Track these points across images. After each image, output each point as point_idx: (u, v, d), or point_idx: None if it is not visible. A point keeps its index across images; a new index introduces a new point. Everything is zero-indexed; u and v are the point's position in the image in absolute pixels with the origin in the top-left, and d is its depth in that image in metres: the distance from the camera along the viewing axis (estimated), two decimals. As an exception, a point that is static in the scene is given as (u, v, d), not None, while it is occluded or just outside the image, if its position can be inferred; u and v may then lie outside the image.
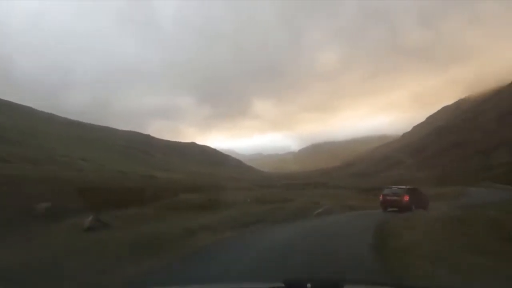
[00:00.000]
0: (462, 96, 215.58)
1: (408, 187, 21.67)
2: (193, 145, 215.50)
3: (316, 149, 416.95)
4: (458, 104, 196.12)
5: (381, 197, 20.85)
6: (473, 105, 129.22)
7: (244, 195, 25.10)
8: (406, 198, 19.72)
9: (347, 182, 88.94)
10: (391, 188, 21.29)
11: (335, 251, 8.45)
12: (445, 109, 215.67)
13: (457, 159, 61.79)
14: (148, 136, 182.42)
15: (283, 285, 2.18)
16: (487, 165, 48.44)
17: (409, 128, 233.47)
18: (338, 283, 2.30)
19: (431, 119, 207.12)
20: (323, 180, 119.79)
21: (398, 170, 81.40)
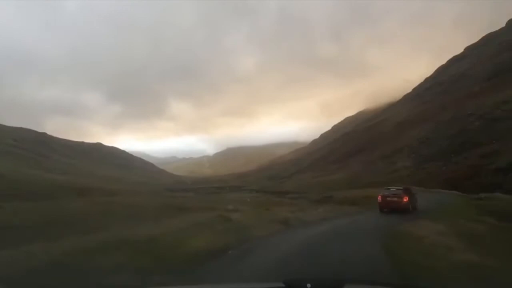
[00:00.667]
0: (362, 108, 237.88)
1: (403, 187, 21.13)
2: (99, 146, 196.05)
3: (232, 153, 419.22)
4: (359, 115, 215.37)
5: (379, 199, 20.00)
6: (372, 115, 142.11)
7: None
8: (406, 199, 19.12)
9: (262, 186, 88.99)
10: (389, 189, 20.51)
11: None
12: (348, 119, 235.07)
13: (363, 163, 65.69)
14: (43, 134, 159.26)
15: (283, 285, 2.22)
16: (392, 168, 51.49)
17: (317, 136, 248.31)
18: (338, 283, 2.34)
19: (336, 127, 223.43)
20: (238, 183, 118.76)
21: (310, 173, 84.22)
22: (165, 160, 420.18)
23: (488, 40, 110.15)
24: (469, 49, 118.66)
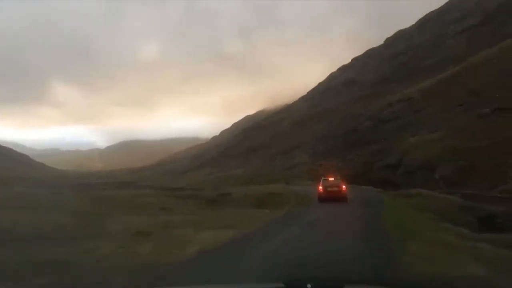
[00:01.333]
0: (262, 108, 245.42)
1: (338, 177, 21.39)
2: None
3: (127, 147, 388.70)
4: (258, 114, 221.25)
5: (321, 189, 19.84)
6: (271, 114, 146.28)
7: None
8: (345, 188, 19.52)
9: (157, 181, 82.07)
10: (327, 179, 20.58)
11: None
12: (248, 117, 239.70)
13: (263, 159, 65.34)
14: None
15: (283, 285, 2.20)
16: (291, 164, 51.40)
17: (218, 132, 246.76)
18: (339, 284, 2.36)
19: (236, 125, 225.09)
20: (131, 179, 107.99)
21: (209, 169, 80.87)
22: (45, 152, 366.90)
23: (371, 53, 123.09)
24: (356, 60, 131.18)
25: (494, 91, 38.35)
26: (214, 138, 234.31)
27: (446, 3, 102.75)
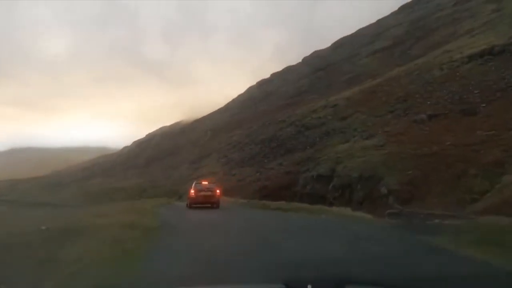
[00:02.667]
0: (179, 119, 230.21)
1: (212, 181, 21.27)
2: None
3: (17, 155, 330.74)
4: (175, 125, 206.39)
5: (193, 193, 18.52)
6: (187, 124, 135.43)
7: None
8: (219, 193, 18.79)
9: (29, 195, 64.35)
10: (200, 183, 19.51)
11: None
12: (163, 128, 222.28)
13: (165, 168, 54.56)
14: None
15: (283, 285, 2.14)
16: (197, 174, 41.66)
17: (130, 143, 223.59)
18: (339, 284, 2.24)
19: (150, 135, 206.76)
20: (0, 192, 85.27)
21: (101, 179, 66.14)
22: None
23: (288, 70, 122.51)
24: (275, 75, 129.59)
25: (422, 99, 35.26)
26: (125, 148, 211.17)
27: (359, 29, 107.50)
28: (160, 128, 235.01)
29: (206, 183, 19.64)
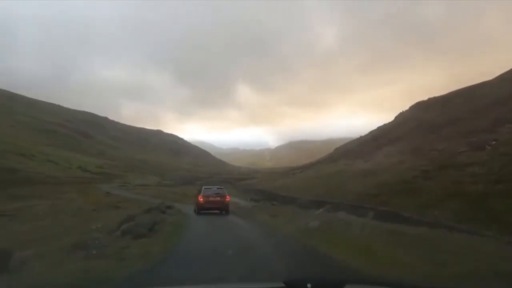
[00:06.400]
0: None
1: (221, 187, 20.49)
2: (158, 132, 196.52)
3: (295, 147, 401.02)
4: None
5: (200, 199, 17.89)
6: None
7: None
8: (228, 198, 18.63)
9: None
10: (210, 188, 19.31)
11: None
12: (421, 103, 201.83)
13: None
14: (104, 118, 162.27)
15: (283, 285, 2.19)
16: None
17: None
18: (339, 283, 2.31)
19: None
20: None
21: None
22: (227, 151, 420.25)
23: None
24: None
25: None
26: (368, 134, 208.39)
27: None
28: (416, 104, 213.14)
29: (215, 188, 19.12)
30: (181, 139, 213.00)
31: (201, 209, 17.59)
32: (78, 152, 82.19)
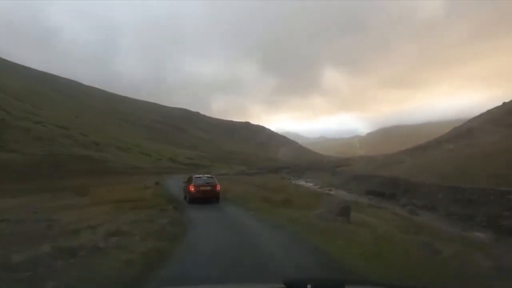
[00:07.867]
0: None
1: (212, 175, 20.00)
2: (246, 125, 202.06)
3: (387, 133, 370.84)
4: None
5: (192, 188, 17.27)
6: None
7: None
8: (219, 187, 17.93)
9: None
10: (200, 177, 18.53)
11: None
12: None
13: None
14: (197, 113, 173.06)
15: (283, 285, 2.18)
16: None
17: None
18: (339, 284, 2.30)
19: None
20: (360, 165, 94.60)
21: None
22: (315, 140, 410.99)
23: None
24: None
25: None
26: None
27: None
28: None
29: (205, 177, 18.52)
30: (268, 129, 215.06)
31: (192, 198, 17.18)
32: (171, 145, 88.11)
